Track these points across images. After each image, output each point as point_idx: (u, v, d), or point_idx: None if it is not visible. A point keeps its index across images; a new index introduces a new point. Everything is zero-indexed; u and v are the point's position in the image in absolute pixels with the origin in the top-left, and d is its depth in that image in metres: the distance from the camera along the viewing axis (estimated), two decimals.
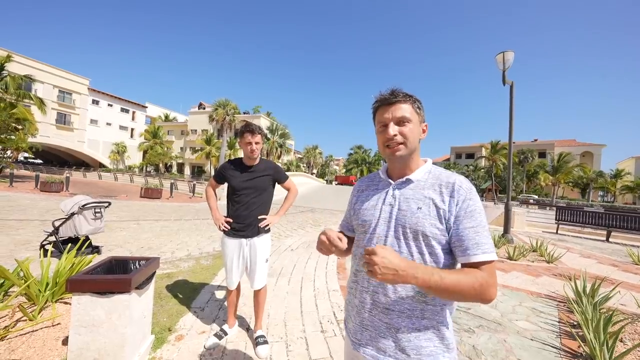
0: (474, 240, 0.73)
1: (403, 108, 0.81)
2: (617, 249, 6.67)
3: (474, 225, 0.75)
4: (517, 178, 34.27)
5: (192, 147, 41.11)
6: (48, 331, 1.90)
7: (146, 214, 8.38)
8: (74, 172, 30.23)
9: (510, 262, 4.71)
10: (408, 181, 0.85)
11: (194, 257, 4.16)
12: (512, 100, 6.54)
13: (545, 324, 2.57)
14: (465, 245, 0.73)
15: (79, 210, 3.71)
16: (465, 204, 0.77)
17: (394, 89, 0.83)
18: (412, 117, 0.82)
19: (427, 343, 0.76)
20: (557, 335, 2.38)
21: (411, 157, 0.85)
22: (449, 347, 0.78)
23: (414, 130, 0.82)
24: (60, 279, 2.27)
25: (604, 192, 36.85)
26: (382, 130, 0.83)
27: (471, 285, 0.68)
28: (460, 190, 0.78)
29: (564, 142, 43.52)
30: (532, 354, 2.09)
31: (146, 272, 1.72)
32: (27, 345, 1.75)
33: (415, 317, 0.77)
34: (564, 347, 2.20)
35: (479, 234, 0.74)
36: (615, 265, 4.93)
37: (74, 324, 1.49)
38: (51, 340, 1.81)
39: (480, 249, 0.72)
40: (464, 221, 0.75)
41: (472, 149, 47.75)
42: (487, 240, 0.74)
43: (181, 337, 2.06)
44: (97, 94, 39.02)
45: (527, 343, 2.25)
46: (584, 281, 3.05)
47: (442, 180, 0.82)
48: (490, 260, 0.72)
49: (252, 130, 1.90)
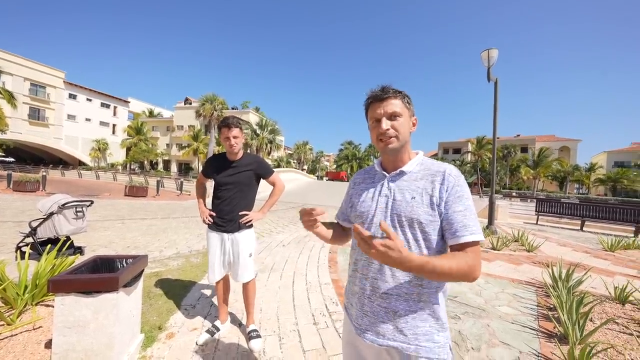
0: (462, 222, 0.78)
1: (394, 103, 0.85)
2: (590, 237, 7.11)
3: (463, 209, 0.80)
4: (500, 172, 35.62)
5: (179, 144, 39.86)
6: (29, 335, 1.83)
7: (132, 213, 8.11)
8: (50, 170, 28.62)
9: (494, 252, 4.93)
10: (402, 173, 0.89)
11: (183, 255, 4.09)
12: (496, 96, 6.75)
13: (525, 309, 2.72)
14: (455, 228, 0.78)
15: (59, 210, 3.55)
16: (454, 190, 0.81)
17: (385, 85, 0.87)
18: (403, 111, 0.86)
19: (422, 324, 0.81)
20: (535, 318, 2.53)
21: (403, 150, 0.89)
22: (443, 326, 0.83)
23: (405, 124, 0.86)
24: (41, 280, 2.18)
25: (580, 184, 38.95)
26: (375, 125, 0.87)
27: (461, 267, 0.73)
28: (449, 178, 0.83)
29: (544, 138, 45.51)
30: (512, 336, 2.22)
31: (134, 270, 1.68)
32: (6, 350, 1.67)
33: (412, 300, 0.81)
34: (542, 328, 2.35)
35: (466, 217, 0.79)
36: (588, 252, 5.26)
37: (58, 325, 1.44)
38: (32, 344, 1.74)
39: (468, 230, 0.78)
40: (453, 206, 0.80)
41: (459, 144, 49.06)
42: (474, 223, 0.79)
43: (172, 335, 2.03)
44: (75, 88, 36.87)
45: (509, 326, 2.38)
46: (559, 267, 3.24)
47: (433, 170, 0.87)
48: (477, 240, 0.77)
49: (228, 125, 1.85)
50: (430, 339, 0.80)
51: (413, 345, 0.80)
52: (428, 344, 0.80)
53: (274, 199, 2.12)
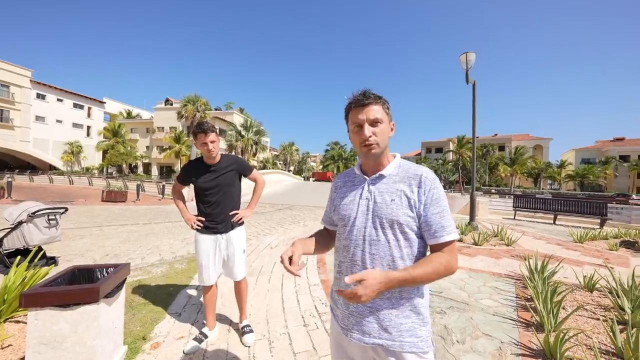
0: (440, 224, 0.84)
1: (375, 109, 0.87)
2: (562, 230, 7.62)
3: (440, 211, 0.85)
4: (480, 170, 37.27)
5: (160, 146, 38.31)
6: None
7: (110, 219, 7.71)
8: (17, 175, 26.63)
9: (475, 247, 5.16)
10: (381, 176, 0.92)
11: (167, 262, 3.95)
12: (474, 97, 7.07)
13: (505, 300, 2.87)
14: (434, 229, 0.84)
15: (29, 219, 3.31)
16: (431, 192, 0.86)
17: (366, 90, 0.89)
18: (383, 117, 0.89)
19: (405, 320, 0.84)
20: (514, 309, 2.68)
21: (383, 154, 0.92)
22: (424, 321, 0.87)
23: (385, 130, 0.90)
24: (9, 295, 2.03)
25: (552, 180, 41.55)
26: (357, 131, 0.89)
27: (437, 270, 0.80)
28: (426, 181, 0.87)
29: (519, 137, 48.17)
30: (494, 328, 2.33)
31: (115, 280, 1.61)
32: None
33: (395, 297, 0.85)
34: (520, 318, 2.49)
35: (443, 218, 0.85)
36: (560, 244, 5.63)
37: (32, 342, 1.35)
38: None
39: (446, 230, 0.84)
40: (431, 208, 0.85)
41: (441, 144, 50.79)
42: (450, 223, 0.86)
43: (157, 345, 1.96)
44: (43, 87, 34.47)
45: (490, 318, 2.50)
46: (535, 260, 3.45)
47: (410, 173, 0.90)
48: (454, 239, 0.85)
49: (204, 130, 1.85)
50: (413, 334, 0.84)
51: (397, 341, 0.83)
52: (411, 339, 0.84)
53: (258, 195, 2.22)
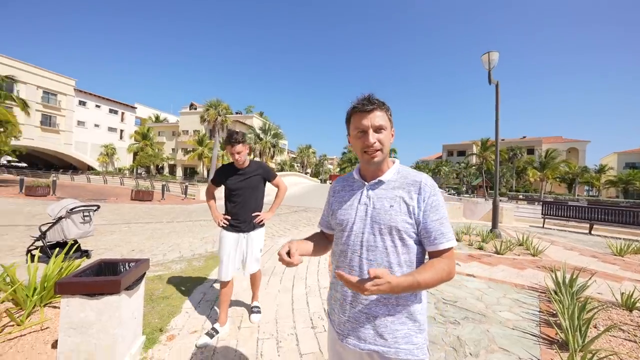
0: (439, 231, 0.83)
1: (379, 116, 0.86)
2: (599, 241, 6.95)
3: (439, 218, 0.84)
4: (507, 174, 35.12)
5: (184, 148, 40.51)
6: (37, 335, 1.90)
7: (137, 217, 8.27)
8: (61, 175, 29.37)
9: (497, 256, 4.87)
10: (380, 182, 0.91)
11: (186, 259, 4.16)
12: (497, 98, 6.73)
13: (527, 314, 2.69)
14: (433, 236, 0.84)
15: (67, 214, 3.66)
16: (430, 199, 0.85)
17: (370, 95, 0.87)
18: (386, 124, 0.88)
19: (401, 327, 0.84)
20: (536, 324, 2.50)
21: (383, 160, 0.91)
22: (420, 328, 0.86)
23: (388, 137, 0.89)
24: (49, 283, 2.26)
25: (589, 186, 38.08)
26: (360, 136, 0.87)
27: (440, 276, 0.80)
28: (425, 188, 0.86)
29: (551, 139, 44.81)
30: (512, 342, 2.20)
31: (136, 274, 1.74)
32: (15, 349, 1.74)
33: (391, 304, 0.84)
34: (543, 334, 2.32)
35: (443, 225, 0.85)
36: (595, 257, 5.15)
37: (64, 326, 1.50)
38: (40, 344, 1.81)
39: (445, 237, 0.84)
40: (430, 215, 0.84)
41: (464, 147, 48.62)
42: (449, 230, 0.85)
43: (172, 337, 2.08)
44: (84, 95, 37.97)
45: (509, 332, 2.35)
46: (563, 272, 3.19)
47: (409, 179, 0.89)
48: (452, 246, 0.84)
49: (231, 143, 2.12)
50: (409, 341, 0.83)
51: (393, 348, 0.83)
52: (407, 346, 0.83)
53: (279, 199, 2.48)
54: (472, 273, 3.90)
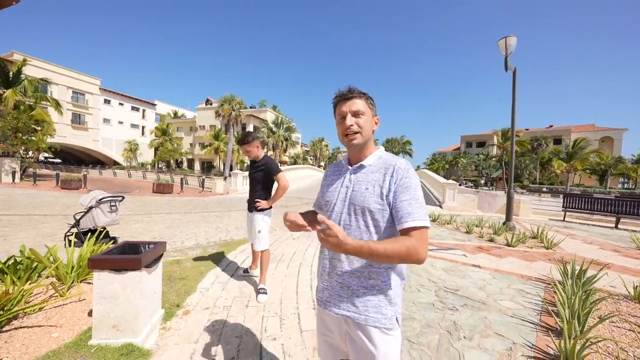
0: (407, 210, 0.87)
1: (358, 103, 0.96)
2: (624, 235, 6.57)
3: (408, 199, 0.88)
4: (529, 166, 33.23)
5: (201, 143, 41.89)
6: (76, 305, 2.21)
7: (158, 208, 8.84)
8: (90, 170, 31.59)
9: (507, 249, 4.79)
10: (361, 167, 1.01)
11: (202, 246, 4.47)
12: (515, 86, 6.42)
13: (529, 304, 2.70)
14: (400, 215, 0.88)
15: (96, 204, 4.05)
16: (402, 181, 0.91)
17: (351, 87, 0.99)
18: (366, 110, 0.97)
19: (373, 297, 0.94)
20: (537, 313, 2.51)
21: (366, 146, 1.00)
22: (391, 301, 0.94)
23: (368, 122, 0.98)
24: (83, 262, 2.59)
25: (626, 178, 35.17)
26: (341, 122, 0.98)
27: (398, 250, 0.80)
28: (398, 171, 0.93)
29: (582, 128, 41.59)
30: (509, 329, 2.24)
31: (154, 254, 1.96)
32: (60, 315, 2.06)
33: (364, 277, 0.94)
34: (542, 322, 2.33)
35: (411, 205, 0.87)
36: (617, 251, 4.91)
37: (96, 296, 1.76)
38: (79, 312, 2.11)
39: (411, 217, 0.86)
40: (400, 195, 0.90)
41: (483, 138, 46.43)
42: (418, 211, 0.87)
43: (188, 312, 2.32)
44: (108, 94, 40.07)
45: (507, 320, 2.39)
46: (573, 263, 3.13)
47: (387, 163, 0.97)
48: (419, 226, 0.85)
49: (240, 143, 2.70)
50: (378, 311, 0.93)
51: (363, 315, 0.93)
52: (376, 315, 0.92)
53: (278, 194, 2.78)
54: (478, 264, 3.89)
